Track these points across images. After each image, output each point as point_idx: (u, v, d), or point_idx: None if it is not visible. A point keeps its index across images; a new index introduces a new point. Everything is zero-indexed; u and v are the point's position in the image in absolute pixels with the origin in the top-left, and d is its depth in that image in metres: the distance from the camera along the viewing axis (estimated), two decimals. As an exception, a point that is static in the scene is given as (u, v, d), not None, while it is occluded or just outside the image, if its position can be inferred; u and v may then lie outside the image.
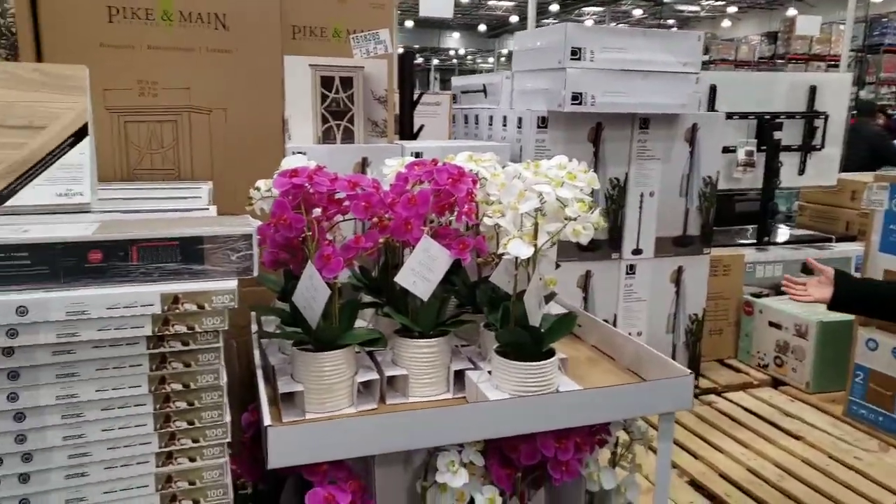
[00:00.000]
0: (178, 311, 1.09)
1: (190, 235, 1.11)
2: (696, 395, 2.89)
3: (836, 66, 12.00)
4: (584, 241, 1.41)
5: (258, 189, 1.68)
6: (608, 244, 2.61)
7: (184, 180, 1.91)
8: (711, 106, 2.90)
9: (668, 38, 2.46)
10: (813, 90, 3.46)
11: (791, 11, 18.20)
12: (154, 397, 1.13)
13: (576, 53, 2.32)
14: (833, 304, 1.60)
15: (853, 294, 1.60)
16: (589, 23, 23.63)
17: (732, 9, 20.89)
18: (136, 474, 1.13)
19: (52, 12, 1.73)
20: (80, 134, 1.35)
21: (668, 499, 1.55)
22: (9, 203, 1.27)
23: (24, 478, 1.07)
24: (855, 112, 8.47)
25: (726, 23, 21.84)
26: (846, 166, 6.50)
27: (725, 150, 2.74)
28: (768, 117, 3.37)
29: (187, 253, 1.11)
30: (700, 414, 2.79)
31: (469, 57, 31.85)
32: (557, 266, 1.69)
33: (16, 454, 1.06)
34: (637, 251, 2.65)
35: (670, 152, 2.62)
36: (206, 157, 1.94)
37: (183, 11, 1.87)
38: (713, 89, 2.93)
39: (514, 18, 22.81)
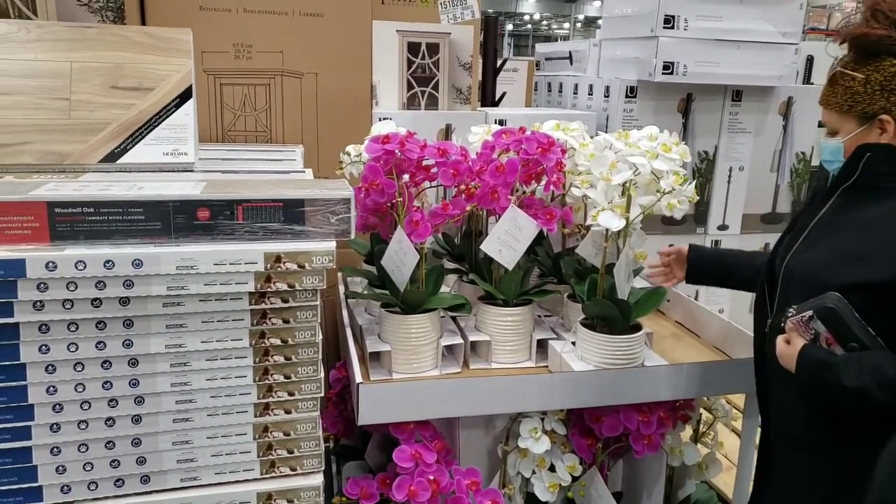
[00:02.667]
0: (279, 269, 1.13)
1: (293, 198, 1.14)
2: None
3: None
4: (678, 215, 1.38)
5: (348, 154, 1.71)
6: (694, 218, 2.53)
7: (275, 143, 1.96)
8: (808, 78, 2.74)
9: (767, 5, 2.33)
10: None
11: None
12: (254, 350, 1.18)
13: (669, 21, 2.23)
14: (689, 278, 1.61)
15: (704, 266, 1.59)
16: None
17: (829, -28, 19.54)
18: (236, 423, 1.20)
19: (155, -24, 1.79)
20: (185, 96, 1.40)
21: (750, 479, 1.52)
22: (120, 161, 1.34)
23: (136, 419, 1.15)
24: None
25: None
26: None
27: (822, 125, 2.58)
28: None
29: (290, 214, 1.14)
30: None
31: (545, 22, 31.07)
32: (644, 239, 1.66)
33: (129, 396, 1.13)
34: (723, 227, 2.56)
35: (763, 126, 2.50)
36: (297, 120, 1.98)
37: (278, -25, 1.90)
38: (810, 60, 2.76)
39: (592, -18, 22.05)
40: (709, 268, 1.59)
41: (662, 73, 2.24)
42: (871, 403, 1.11)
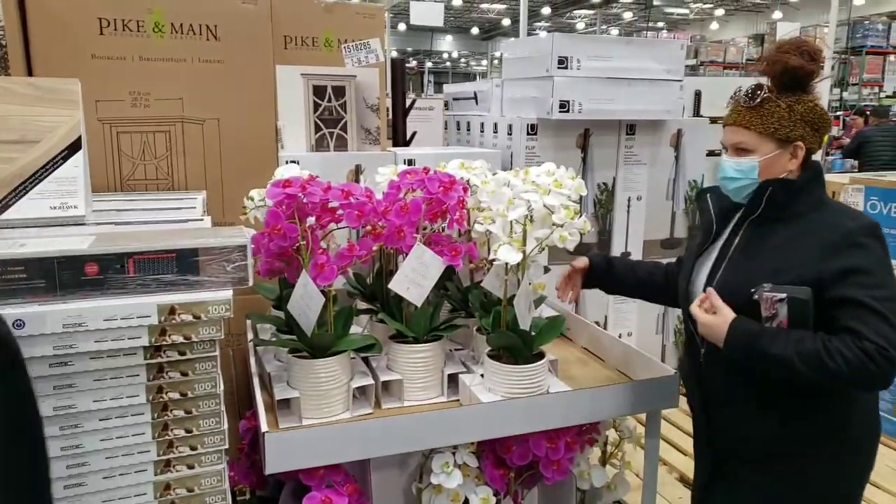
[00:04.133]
0: (174, 321, 1.11)
1: (186, 247, 1.13)
2: (685, 394, 2.92)
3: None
4: (571, 246, 1.45)
5: (252, 199, 1.70)
6: (597, 247, 2.65)
7: (177, 190, 1.93)
8: (697, 111, 2.95)
9: (651, 46, 2.51)
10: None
11: (776, 14, 18.36)
12: (152, 406, 1.15)
13: (563, 62, 2.36)
14: (584, 284, 1.75)
15: (595, 272, 1.74)
16: (580, 26, 23.74)
17: (720, 11, 21.06)
18: (135, 483, 1.15)
19: (43, 25, 1.75)
20: (73, 147, 1.37)
21: (656, 495, 1.58)
22: (2, 217, 1.29)
23: (24, 487, 1.08)
24: (868, 114, 8.90)
25: (714, 25, 22.01)
26: (866, 170, 6.55)
27: (711, 153, 2.79)
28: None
29: (183, 264, 1.13)
30: (688, 411, 2.82)
31: (463, 60, 31.92)
32: (547, 270, 1.73)
33: (16, 464, 1.07)
34: (626, 254, 2.69)
35: (656, 157, 2.67)
36: (200, 166, 1.96)
37: (174, 23, 1.89)
38: (698, 95, 2.97)
39: (506, 21, 22.90)
40: (598, 271, 1.71)
41: (559, 111, 2.36)
42: (793, 373, 1.28)
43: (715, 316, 1.37)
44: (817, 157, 1.49)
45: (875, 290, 1.27)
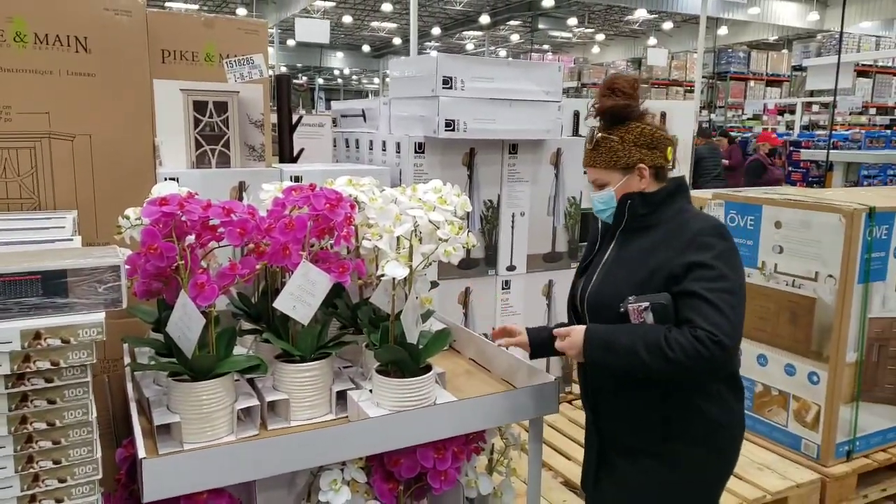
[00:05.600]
0: (40, 346, 1.05)
1: (53, 269, 1.07)
2: (569, 401, 3.07)
3: (692, 91, 13.23)
4: (455, 261, 1.50)
5: (127, 217, 1.63)
6: (485, 262, 2.74)
7: (44, 210, 1.81)
8: (576, 130, 3.13)
9: (530, 68, 2.65)
10: (663, 115, 3.82)
11: (651, 41, 19.79)
12: (14, 438, 1.07)
13: (447, 82, 2.44)
14: (532, 355, 1.74)
15: (540, 342, 1.72)
16: (470, 46, 24.42)
17: (601, 36, 22.40)
18: (-5, 522, 1.07)
19: None
20: (-78, 163, 1.26)
21: (540, 498, 1.66)
22: None
23: None
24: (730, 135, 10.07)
25: (595, 49, 23.38)
26: (699, 182, 7.34)
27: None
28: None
29: (50, 286, 1.07)
30: (574, 418, 2.96)
31: (354, 77, 31.85)
32: (435, 284, 1.77)
33: None
34: (511, 267, 2.80)
35: (538, 175, 2.81)
36: (70, 184, 1.85)
37: (38, 33, 1.79)
38: (576, 115, 3.16)
39: (397, 40, 23.15)
40: (544, 343, 1.70)
41: (445, 130, 2.44)
42: (641, 364, 1.41)
43: (569, 337, 1.52)
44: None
45: (713, 282, 1.42)
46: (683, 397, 1.52)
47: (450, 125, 2.44)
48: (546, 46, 24.66)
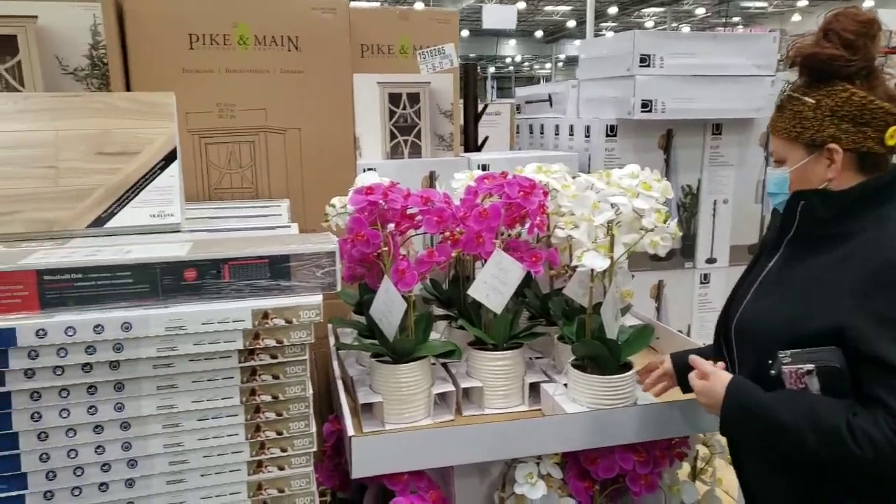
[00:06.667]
0: (267, 325, 1.14)
1: (278, 254, 1.15)
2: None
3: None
4: (662, 252, 1.40)
5: (333, 206, 1.73)
6: (681, 253, 2.56)
7: (261, 198, 1.99)
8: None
9: (740, 40, 2.41)
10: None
11: (867, 2, 17.36)
12: (245, 408, 1.18)
13: (644, 60, 2.30)
14: (683, 387, 1.40)
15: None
16: (649, 24, 23.18)
17: (803, 2, 20.09)
18: (230, 482, 1.19)
19: (139, 42, 1.84)
20: (169, 158, 1.42)
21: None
22: (108, 225, 1.36)
23: (129, 483, 1.13)
24: None
25: (796, 17, 21.01)
26: None
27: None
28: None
29: (276, 270, 1.16)
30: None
31: (525, 63, 31.75)
32: (631, 277, 1.68)
33: (122, 460, 1.13)
34: (711, 260, 2.59)
35: (744, 158, 2.56)
36: (282, 175, 2.01)
37: (258, 35, 1.95)
38: (788, 91, 2.84)
39: (571, 23, 22.64)
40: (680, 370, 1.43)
41: (641, 111, 2.30)
42: (805, 450, 1.06)
43: (706, 381, 1.17)
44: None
45: None
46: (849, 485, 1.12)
47: (646, 106, 2.30)
48: (736, 19, 22.66)
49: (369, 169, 1.99)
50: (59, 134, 1.34)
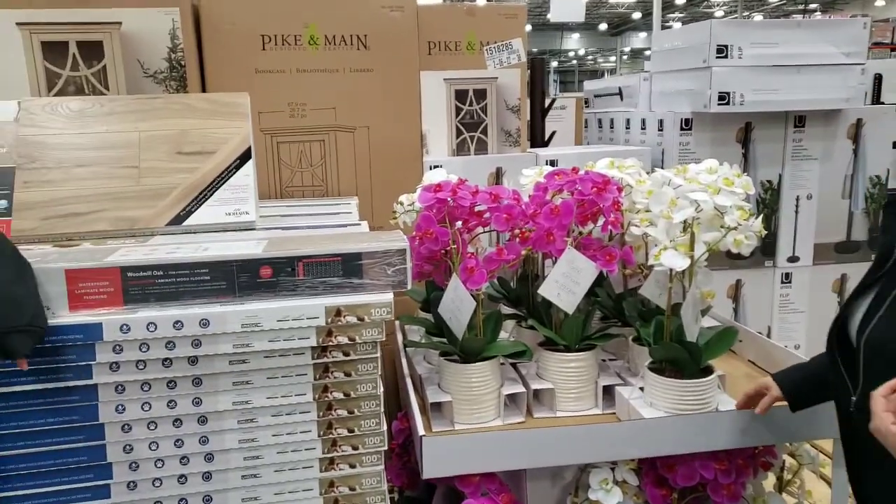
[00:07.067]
0: (340, 323, 1.14)
1: (351, 251, 1.15)
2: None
3: None
4: (746, 251, 1.33)
5: (401, 203, 1.73)
6: (761, 251, 2.44)
7: (331, 196, 2.01)
8: (877, 98, 2.64)
9: (827, 27, 2.27)
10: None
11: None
12: (318, 405, 1.18)
13: (722, 51, 2.19)
14: (794, 407, 1.31)
15: (802, 393, 1.30)
16: (719, 14, 22.36)
17: (887, -14, 18.97)
18: (303, 478, 1.20)
19: (215, 44, 1.88)
20: (244, 157, 1.45)
21: (844, 530, 1.42)
22: (186, 223, 1.39)
23: (206, 476, 1.16)
24: None
25: (879, 2, 19.83)
26: None
27: (896, 146, 2.49)
28: (947, 106, 3.00)
29: (348, 268, 1.16)
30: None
31: (589, 57, 31.20)
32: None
33: (199, 454, 1.15)
34: (793, 258, 2.46)
35: (831, 151, 2.41)
36: (351, 173, 2.02)
37: (328, 35, 1.97)
38: (878, 78, 2.66)
39: (636, 15, 22.09)
40: (806, 390, 1.33)
41: (718, 104, 2.20)
42: None
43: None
44: None
45: None
46: None
47: (723, 98, 2.19)
48: (814, 6, 21.57)
49: (436, 166, 1.98)
50: (141, 135, 1.39)
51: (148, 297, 1.10)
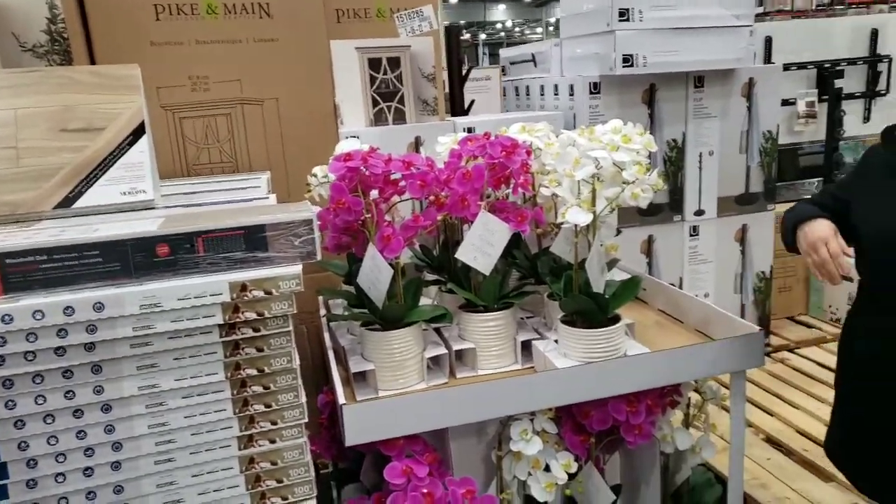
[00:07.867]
0: (246, 298, 1.11)
1: (253, 224, 1.12)
2: (767, 353, 2.81)
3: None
4: (644, 204, 1.37)
5: (315, 175, 1.70)
6: (669, 207, 2.54)
7: (242, 172, 1.95)
8: (768, 58, 2.77)
9: (719, -10, 2.36)
10: (875, 33, 3.26)
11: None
12: (231, 383, 1.16)
13: (623, 14, 2.24)
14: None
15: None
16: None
17: (785, -48, 19.81)
18: (220, 457, 1.17)
19: (101, 15, 1.76)
20: (137, 132, 1.38)
21: (744, 456, 1.51)
22: (76, 205, 1.32)
23: (115, 465, 1.12)
24: None
25: (779, -32, 20.74)
26: None
27: (785, 102, 2.63)
28: (828, 65, 3.21)
29: (251, 241, 1.13)
30: (773, 371, 2.71)
31: (517, 29, 31.28)
32: (619, 232, 1.66)
33: (106, 444, 1.11)
34: (699, 212, 2.57)
35: (727, 109, 2.52)
36: (262, 147, 1.97)
37: (227, 3, 1.89)
38: (768, 41, 2.79)
39: (554, -15, 22.28)
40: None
41: (623, 66, 2.25)
42: None
43: None
44: None
45: None
46: None
47: (627, 60, 2.25)
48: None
49: (352, 137, 1.95)
50: (17, 112, 1.29)
51: (31, 284, 1.03)
